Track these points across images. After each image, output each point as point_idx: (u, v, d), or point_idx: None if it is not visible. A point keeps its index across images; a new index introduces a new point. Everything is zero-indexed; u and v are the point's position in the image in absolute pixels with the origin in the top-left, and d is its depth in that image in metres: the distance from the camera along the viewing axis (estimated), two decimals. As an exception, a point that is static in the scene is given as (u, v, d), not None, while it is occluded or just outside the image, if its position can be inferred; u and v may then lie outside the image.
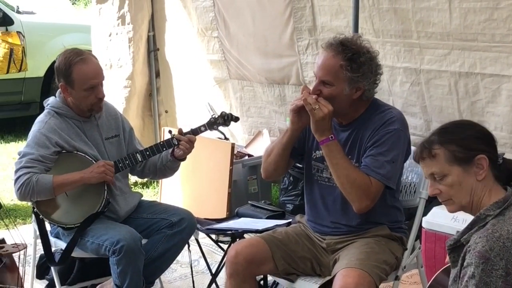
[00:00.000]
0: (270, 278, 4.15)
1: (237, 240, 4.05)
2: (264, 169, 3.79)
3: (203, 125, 4.36)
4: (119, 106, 6.50)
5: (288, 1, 5.71)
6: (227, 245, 4.23)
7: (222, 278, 3.96)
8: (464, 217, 3.52)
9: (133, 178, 6.35)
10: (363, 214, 3.50)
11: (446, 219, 4.08)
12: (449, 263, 2.71)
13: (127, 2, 6.68)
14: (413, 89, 5.11)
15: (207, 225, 4.44)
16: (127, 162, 4.23)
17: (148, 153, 4.25)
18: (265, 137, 6.18)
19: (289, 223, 4.11)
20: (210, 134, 4.95)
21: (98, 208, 4.12)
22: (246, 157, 6.14)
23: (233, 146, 5.79)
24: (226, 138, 5.89)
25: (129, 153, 4.29)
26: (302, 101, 3.45)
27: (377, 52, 3.60)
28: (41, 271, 4.69)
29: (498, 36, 4.46)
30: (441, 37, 4.77)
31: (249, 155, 6.18)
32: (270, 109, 6.35)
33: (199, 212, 4.83)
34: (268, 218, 4.49)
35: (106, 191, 4.13)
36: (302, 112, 3.50)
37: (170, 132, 4.35)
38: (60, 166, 4.09)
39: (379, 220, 3.60)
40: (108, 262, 4.03)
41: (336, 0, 5.36)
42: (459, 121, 2.97)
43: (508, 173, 2.71)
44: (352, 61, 3.45)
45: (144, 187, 7.08)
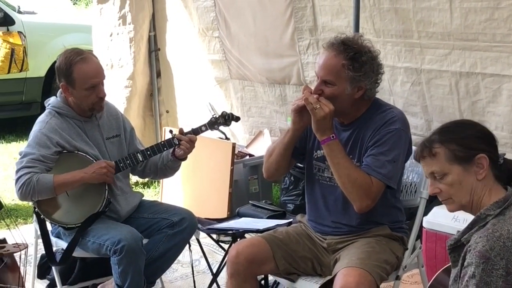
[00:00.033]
0: (271, 278, 4.14)
1: (238, 240, 4.05)
2: (265, 169, 3.79)
3: (204, 125, 4.36)
4: (120, 106, 6.50)
5: (289, 1, 5.71)
6: (228, 245, 4.23)
7: (223, 278, 3.96)
8: (465, 216, 3.53)
9: (134, 178, 6.36)
10: (364, 214, 3.49)
11: (446, 219, 4.08)
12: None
13: (128, 2, 6.69)
14: (414, 89, 5.11)
15: (208, 225, 4.45)
16: (128, 162, 4.23)
17: (149, 153, 4.25)
18: (266, 137, 6.19)
19: (290, 223, 4.11)
20: (211, 134, 4.95)
21: (99, 208, 4.12)
22: (247, 157, 6.14)
23: (234, 146, 5.79)
24: (227, 138, 5.89)
25: (130, 153, 4.29)
26: (303, 100, 3.45)
27: (379, 52, 3.60)
28: (42, 271, 4.69)
29: (499, 36, 4.47)
30: (442, 37, 4.77)
31: (250, 155, 6.18)
32: (271, 109, 6.35)
33: (200, 212, 4.83)
34: (269, 218, 4.49)
35: (107, 191, 4.14)
36: (303, 112, 3.50)
37: (171, 132, 4.35)
38: (61, 166, 4.09)
39: (380, 220, 3.60)
40: (109, 262, 4.04)
41: (337, 0, 5.37)
42: (460, 120, 2.97)
43: (508, 173, 2.71)
44: (353, 60, 3.44)
45: (145, 187, 7.08)
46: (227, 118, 4.41)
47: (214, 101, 6.42)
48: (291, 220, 4.24)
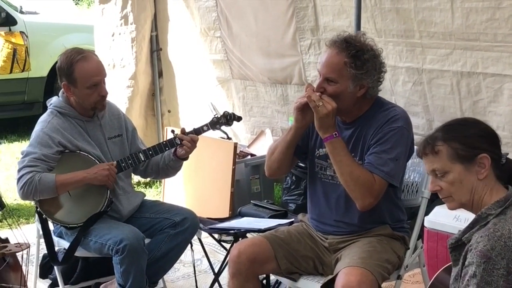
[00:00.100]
0: (272, 277, 4.14)
1: (240, 239, 4.04)
2: (267, 167, 3.78)
3: (206, 125, 4.37)
4: (122, 106, 6.50)
5: (291, 1, 5.71)
6: (230, 245, 4.23)
7: (225, 277, 3.96)
8: (466, 216, 3.53)
9: (136, 178, 6.36)
10: (366, 212, 3.49)
11: (448, 218, 4.09)
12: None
13: (130, 2, 6.69)
14: (415, 89, 5.12)
15: (210, 225, 4.45)
16: (130, 162, 4.23)
17: (151, 152, 4.26)
18: (268, 137, 6.19)
19: (291, 222, 4.11)
20: (213, 134, 4.95)
21: (101, 208, 4.13)
22: (249, 157, 6.14)
23: (235, 146, 5.79)
24: (228, 138, 5.89)
25: (132, 152, 4.30)
26: (306, 98, 3.45)
27: (381, 50, 3.59)
28: (44, 271, 4.71)
29: (500, 35, 4.47)
30: (443, 37, 4.78)
31: (252, 155, 6.18)
32: (272, 109, 6.36)
33: (201, 211, 4.83)
34: (271, 217, 4.49)
35: (109, 191, 4.14)
36: (306, 109, 3.50)
37: (173, 131, 4.35)
38: (63, 166, 4.10)
39: (382, 219, 3.60)
40: (111, 262, 4.04)
41: (338, 0, 5.37)
42: (464, 118, 2.95)
43: (510, 173, 2.70)
44: (356, 58, 3.44)
45: (147, 187, 7.08)
46: (229, 118, 4.41)
47: (216, 101, 6.43)
48: (292, 219, 4.23)
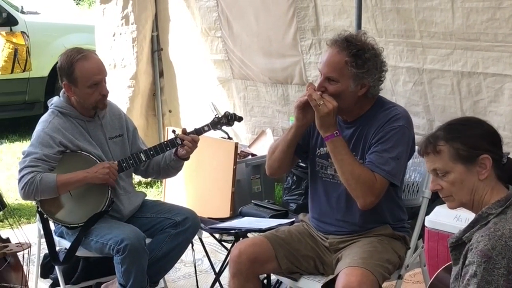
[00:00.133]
0: (273, 277, 4.15)
1: (241, 239, 4.05)
2: (268, 166, 3.78)
3: (207, 125, 4.37)
4: (123, 105, 6.51)
5: (291, 1, 5.72)
6: (231, 244, 4.23)
7: (225, 277, 3.96)
8: (467, 216, 3.53)
9: (137, 178, 6.37)
10: (367, 211, 3.49)
11: (449, 218, 4.09)
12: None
13: (131, 2, 6.70)
14: (416, 89, 5.12)
15: (211, 225, 4.45)
16: (131, 162, 4.24)
17: (152, 152, 4.26)
18: (269, 137, 6.19)
19: (292, 222, 4.11)
20: (214, 134, 4.96)
21: (102, 208, 4.13)
22: (250, 157, 6.14)
23: (236, 146, 5.79)
24: (229, 138, 5.90)
25: (133, 152, 4.30)
26: (307, 97, 3.45)
27: (382, 49, 3.59)
28: (46, 270, 4.71)
29: (501, 35, 4.48)
30: (443, 37, 4.78)
31: (253, 155, 6.18)
32: (273, 109, 6.36)
33: (202, 211, 4.84)
34: (272, 217, 4.50)
35: (110, 191, 4.14)
36: (307, 108, 3.49)
37: (174, 131, 4.35)
38: (64, 166, 4.10)
39: (383, 218, 3.59)
40: (112, 261, 4.04)
41: (339, 0, 5.37)
42: (466, 118, 2.92)
43: (510, 173, 2.70)
44: (357, 57, 3.44)
45: (148, 187, 7.08)
46: (230, 118, 4.42)
47: (217, 101, 6.44)
48: (293, 219, 4.23)
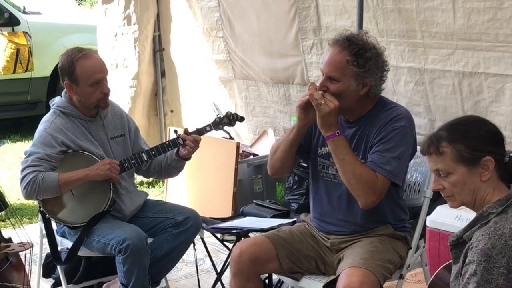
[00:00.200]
0: (275, 277, 4.15)
1: (242, 239, 4.06)
2: (270, 165, 3.78)
3: (209, 125, 4.37)
4: (125, 105, 6.52)
5: (293, 1, 5.73)
6: (232, 244, 4.23)
7: (227, 277, 3.97)
8: (468, 215, 3.53)
9: (139, 178, 6.37)
10: (368, 211, 3.49)
11: (450, 217, 4.08)
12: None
13: (133, 3, 6.70)
14: (417, 89, 5.12)
15: (212, 224, 4.46)
16: (132, 162, 4.24)
17: (153, 152, 4.26)
18: (270, 137, 6.20)
19: (294, 222, 4.11)
20: (216, 134, 4.96)
21: (104, 207, 4.14)
22: (251, 157, 6.15)
23: (238, 146, 5.80)
24: (231, 138, 5.90)
25: (135, 152, 4.31)
26: (308, 96, 3.45)
27: (383, 49, 3.59)
28: (47, 270, 4.71)
29: (502, 36, 4.48)
30: (445, 37, 4.79)
31: (254, 155, 6.19)
32: (275, 109, 6.37)
33: (204, 211, 4.85)
34: (273, 217, 4.51)
35: (112, 191, 4.15)
36: (308, 108, 3.49)
37: (175, 131, 4.36)
38: (66, 166, 4.11)
39: (384, 218, 3.60)
40: (114, 261, 4.05)
41: (340, 0, 5.38)
42: (469, 118, 2.90)
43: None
44: (358, 56, 3.44)
45: (150, 187, 7.09)
46: (231, 118, 4.42)
47: (219, 100, 6.43)
48: (295, 219, 4.24)
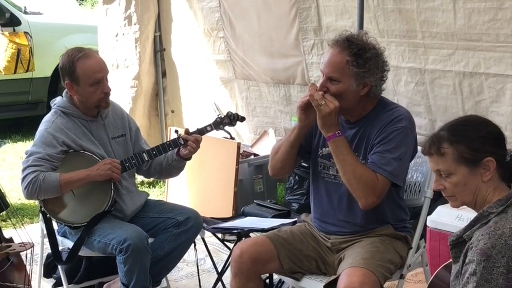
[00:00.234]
0: (275, 277, 4.16)
1: (243, 239, 4.06)
2: (271, 166, 3.79)
3: (209, 125, 4.38)
4: (126, 106, 6.52)
5: (294, 2, 5.73)
6: (233, 244, 4.24)
7: (228, 277, 3.98)
8: (469, 215, 3.52)
9: (139, 178, 6.38)
10: (369, 212, 3.50)
11: (450, 218, 4.09)
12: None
13: (134, 3, 6.71)
14: (417, 89, 5.13)
15: (213, 224, 4.46)
16: (133, 162, 4.25)
17: (154, 152, 4.27)
18: (271, 137, 6.20)
19: (294, 222, 4.11)
20: (216, 134, 4.97)
21: (105, 207, 4.14)
22: (252, 157, 6.15)
23: (239, 146, 5.80)
24: (232, 138, 5.90)
25: (136, 152, 4.31)
26: (309, 97, 3.45)
27: (383, 49, 3.59)
28: (49, 270, 4.72)
29: (502, 36, 4.48)
30: (445, 37, 4.79)
31: (255, 155, 6.19)
32: (275, 109, 6.37)
33: (205, 211, 4.85)
34: (274, 217, 4.50)
35: (112, 190, 4.15)
36: (309, 109, 3.50)
37: (176, 131, 4.36)
38: (67, 165, 4.11)
39: (385, 219, 3.60)
40: (115, 261, 4.06)
41: (341, 0, 5.38)
42: (470, 118, 2.91)
43: None
44: (358, 56, 3.44)
45: (151, 187, 7.10)
46: (232, 118, 4.42)
47: (219, 101, 6.44)
48: (295, 219, 4.24)
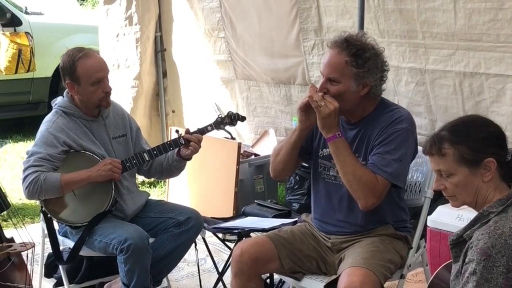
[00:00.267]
0: (276, 277, 4.16)
1: (243, 239, 4.07)
2: (272, 168, 3.79)
3: (210, 125, 4.38)
4: (127, 106, 6.53)
5: (294, 2, 5.73)
6: (234, 244, 4.24)
7: (228, 276, 3.98)
8: (469, 215, 3.52)
9: (140, 178, 6.38)
10: (369, 213, 3.50)
11: (451, 217, 4.09)
12: None
13: (135, 3, 6.72)
14: (418, 89, 5.13)
15: (214, 224, 4.47)
16: (134, 162, 4.25)
17: (155, 152, 4.27)
18: (271, 137, 6.20)
19: (295, 222, 4.12)
20: (217, 134, 4.97)
21: (105, 207, 4.14)
22: (253, 157, 6.15)
23: (239, 146, 5.80)
24: (232, 138, 5.90)
25: (136, 152, 4.31)
26: (308, 98, 3.46)
27: (383, 49, 3.60)
28: (49, 270, 4.72)
29: (503, 36, 4.48)
30: (446, 38, 4.79)
31: (256, 155, 6.19)
32: (276, 109, 6.37)
33: (206, 211, 4.85)
34: (274, 217, 4.51)
35: (113, 190, 4.16)
36: (309, 110, 3.50)
37: (177, 131, 4.36)
38: (68, 165, 4.11)
39: (385, 219, 3.60)
40: (116, 261, 4.06)
41: (341, 0, 5.38)
42: (471, 119, 2.89)
43: None
44: (357, 56, 3.45)
45: (151, 186, 7.10)
46: (233, 118, 4.43)
47: (220, 101, 6.45)
48: (296, 219, 4.25)
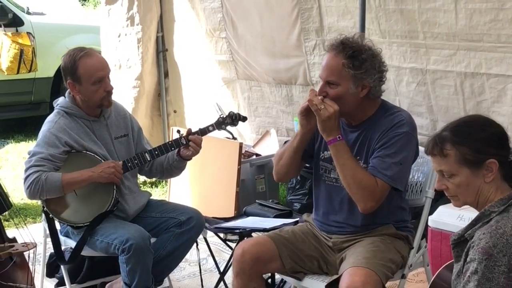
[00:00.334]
0: (277, 276, 4.17)
1: (245, 238, 4.07)
2: (276, 172, 3.80)
3: (211, 125, 4.39)
4: (128, 106, 6.52)
5: (296, 2, 5.73)
6: (235, 244, 4.25)
7: (230, 276, 3.98)
8: (470, 215, 3.52)
9: (142, 178, 6.39)
10: (369, 215, 3.51)
11: (452, 217, 4.09)
12: None
13: (136, 3, 6.72)
14: (419, 89, 5.13)
15: (215, 224, 4.48)
16: (136, 162, 4.26)
17: (156, 152, 4.28)
18: (273, 137, 6.20)
19: (296, 222, 4.13)
20: (218, 134, 4.97)
21: (107, 207, 4.15)
22: (254, 157, 6.15)
23: (241, 146, 5.80)
24: (234, 138, 5.90)
25: (138, 152, 4.32)
26: (308, 102, 3.47)
27: (380, 50, 3.60)
28: (51, 270, 4.73)
29: (504, 36, 4.48)
30: (447, 38, 4.79)
31: (257, 155, 6.19)
32: (277, 109, 6.38)
33: (207, 211, 4.85)
34: (276, 217, 4.52)
35: (115, 190, 4.16)
36: (310, 114, 3.51)
37: (178, 131, 4.37)
38: (70, 166, 4.12)
39: (385, 220, 3.61)
40: (117, 261, 4.07)
41: (343, 1, 5.39)
42: (473, 119, 2.87)
43: None
44: (353, 58, 3.46)
45: (153, 186, 7.11)
46: (234, 118, 4.44)
47: (221, 101, 6.44)
48: (297, 219, 4.25)
